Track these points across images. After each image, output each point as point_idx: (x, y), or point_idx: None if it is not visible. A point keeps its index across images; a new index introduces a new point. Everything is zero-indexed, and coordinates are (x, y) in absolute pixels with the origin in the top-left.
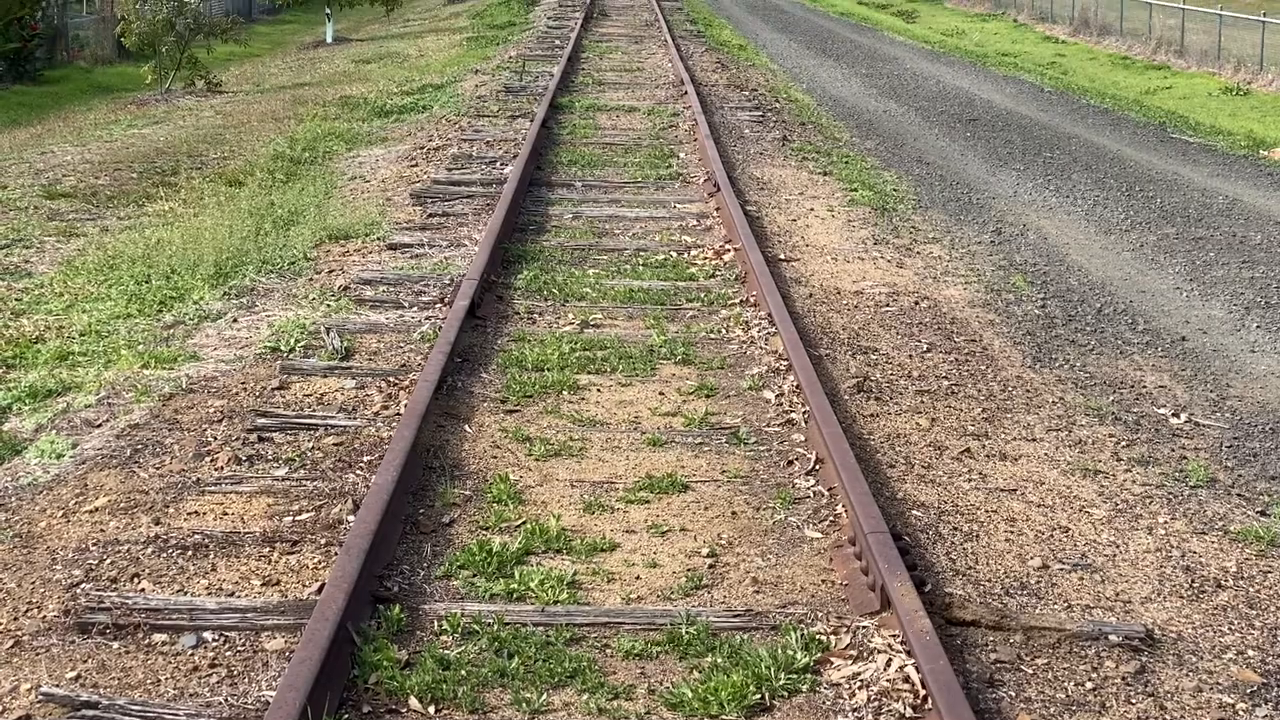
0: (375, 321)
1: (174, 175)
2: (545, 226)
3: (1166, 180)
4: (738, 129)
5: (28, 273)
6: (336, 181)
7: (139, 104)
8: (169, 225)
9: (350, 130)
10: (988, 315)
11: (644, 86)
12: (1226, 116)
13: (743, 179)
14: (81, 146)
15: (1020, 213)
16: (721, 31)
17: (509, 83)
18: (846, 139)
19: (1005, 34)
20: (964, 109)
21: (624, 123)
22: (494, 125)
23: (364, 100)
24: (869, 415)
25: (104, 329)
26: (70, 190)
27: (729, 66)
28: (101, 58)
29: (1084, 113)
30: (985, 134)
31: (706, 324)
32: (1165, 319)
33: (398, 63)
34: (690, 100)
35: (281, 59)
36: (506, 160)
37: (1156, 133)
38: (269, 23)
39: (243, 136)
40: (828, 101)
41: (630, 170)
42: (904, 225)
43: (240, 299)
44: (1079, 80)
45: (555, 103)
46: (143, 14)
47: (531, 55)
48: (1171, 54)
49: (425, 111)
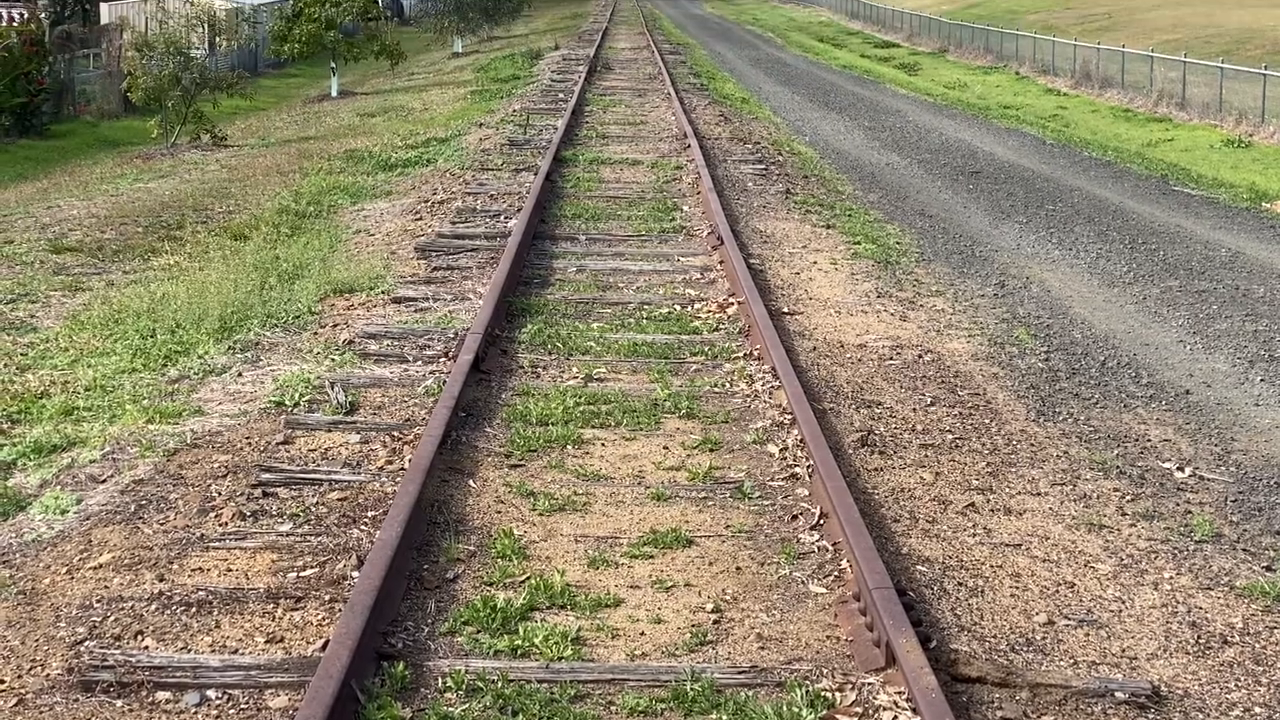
0: (379, 376)
1: (179, 229)
2: (549, 280)
3: (1169, 233)
4: (741, 182)
5: (33, 327)
6: (341, 235)
7: (145, 158)
8: (174, 279)
9: (355, 184)
10: (991, 368)
11: (647, 139)
12: (1229, 169)
13: (746, 232)
14: (87, 200)
15: (1023, 265)
16: (725, 85)
17: (513, 136)
18: (850, 192)
19: (1007, 86)
20: (967, 161)
21: (628, 176)
22: (498, 179)
23: (369, 154)
24: (873, 469)
25: (109, 384)
26: (76, 244)
27: (732, 119)
28: (108, 112)
29: (1086, 165)
30: (988, 186)
31: (710, 378)
32: (1169, 372)
33: (402, 116)
34: (693, 153)
35: (287, 112)
36: (511, 214)
37: (1159, 185)
38: (274, 76)
39: (248, 190)
40: (831, 154)
41: (634, 223)
42: (907, 278)
43: (245, 353)
44: (1081, 133)
45: (559, 156)
46: (149, 69)
47: (536, 108)
48: (1173, 106)
49: (430, 165)
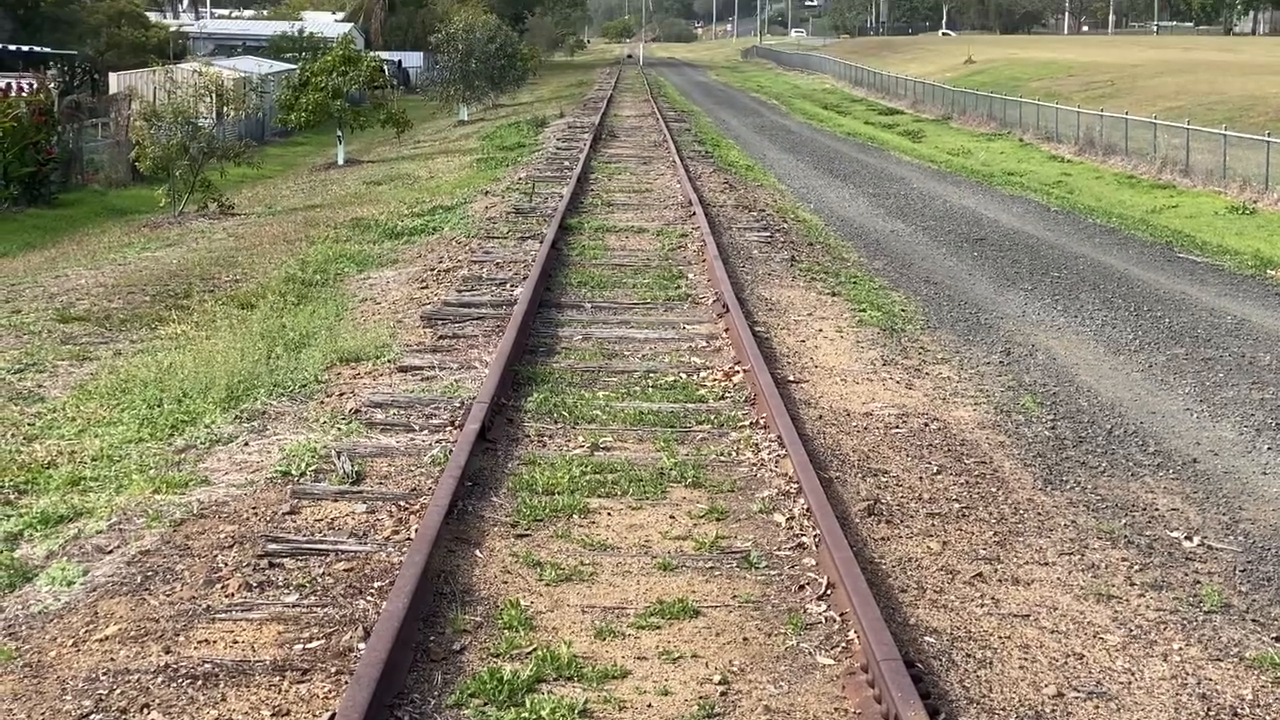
0: (386, 445)
1: (186, 298)
2: (555, 348)
3: (1174, 300)
4: (746, 249)
5: (40, 397)
6: (348, 304)
7: (152, 226)
8: (181, 348)
9: (361, 252)
10: (998, 437)
11: (652, 207)
12: (1233, 235)
13: (751, 300)
14: (95, 269)
15: (1029, 333)
16: (729, 152)
17: (519, 204)
18: (854, 259)
19: (1011, 153)
20: (971, 228)
21: (633, 244)
22: (504, 247)
23: (375, 222)
24: (880, 539)
25: (116, 454)
26: (83, 314)
27: (737, 187)
28: (116, 181)
29: (1091, 232)
30: (993, 253)
31: (716, 446)
32: (1176, 440)
33: (408, 184)
34: (699, 221)
35: (293, 181)
36: (516, 282)
37: (1163, 252)
38: (281, 144)
39: (255, 259)
40: (835, 221)
41: (639, 291)
42: (913, 346)
43: (251, 422)
44: (1085, 199)
45: (564, 224)
46: (157, 138)
47: (541, 176)
48: (1177, 173)
49: (436, 233)
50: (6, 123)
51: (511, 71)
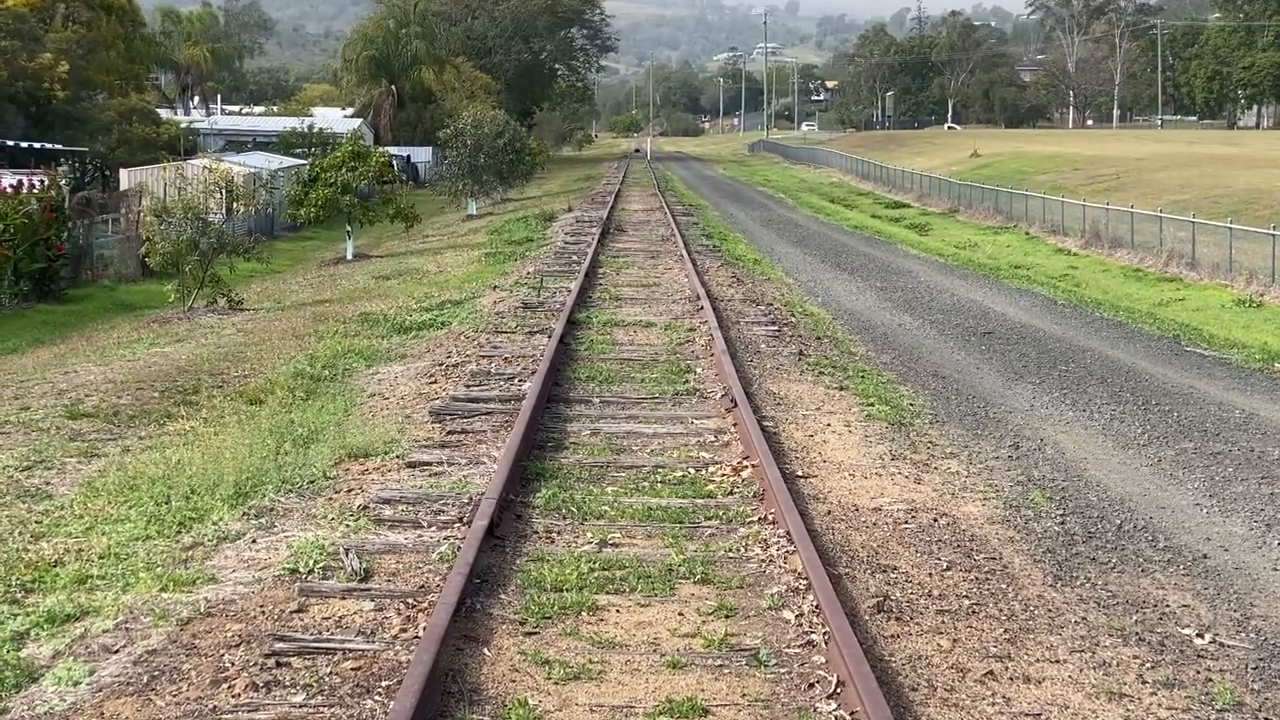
0: (394, 542)
1: (195, 394)
2: (563, 443)
3: (1182, 394)
4: (754, 344)
5: (48, 494)
6: (356, 399)
7: (162, 322)
8: (189, 445)
9: (370, 347)
10: (1007, 532)
11: (660, 301)
12: (1240, 329)
13: (759, 394)
14: (104, 365)
15: (1037, 427)
16: (737, 246)
17: (527, 298)
18: (862, 353)
19: (1018, 246)
20: (979, 322)
21: (641, 338)
22: (512, 341)
23: (384, 317)
24: (890, 636)
25: (123, 551)
26: (92, 410)
27: (744, 281)
28: (125, 276)
29: (1098, 325)
30: (1000, 347)
31: (725, 542)
32: (1186, 536)
33: (417, 279)
34: (706, 315)
35: (303, 275)
36: (525, 376)
37: (1171, 345)
38: (290, 239)
39: (264, 354)
40: (843, 315)
41: (647, 386)
42: (921, 440)
43: (259, 519)
44: (1092, 292)
45: (573, 318)
46: (167, 234)
47: (549, 271)
48: (1183, 266)
49: (444, 327)
50: (17, 219)
51: (520, 166)
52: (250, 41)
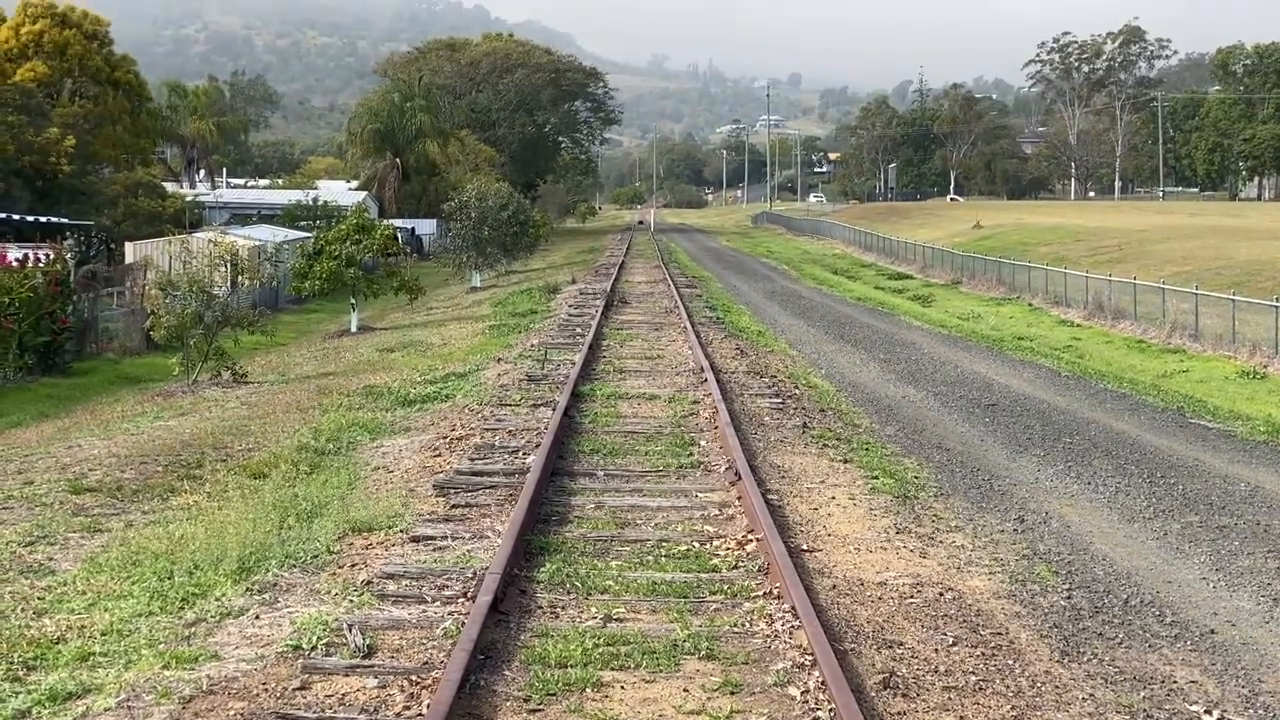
0: (398, 617)
1: (199, 468)
2: (568, 517)
3: (1187, 467)
4: (758, 416)
5: (51, 570)
6: (360, 472)
7: (166, 395)
8: (193, 519)
9: (374, 420)
10: (1013, 607)
11: (664, 374)
12: (1245, 400)
13: (764, 467)
14: (108, 439)
15: (1042, 500)
16: (740, 318)
17: (531, 371)
18: (866, 425)
19: (1021, 317)
20: (982, 394)
21: (645, 410)
22: (516, 414)
23: (388, 389)
24: (896, 713)
25: (126, 628)
26: (95, 485)
27: (748, 353)
28: (130, 349)
29: (1102, 397)
30: (1005, 419)
31: (730, 617)
32: (1193, 610)
33: (421, 351)
34: (710, 387)
35: (307, 348)
36: (529, 450)
37: (1175, 417)
38: (294, 312)
39: (267, 427)
40: (847, 387)
41: (652, 459)
42: (926, 513)
43: (263, 594)
44: (1096, 364)
45: (577, 391)
46: (172, 308)
47: (553, 343)
48: (1187, 338)
49: (448, 400)
50: (23, 293)
51: (524, 238)
52: (256, 115)
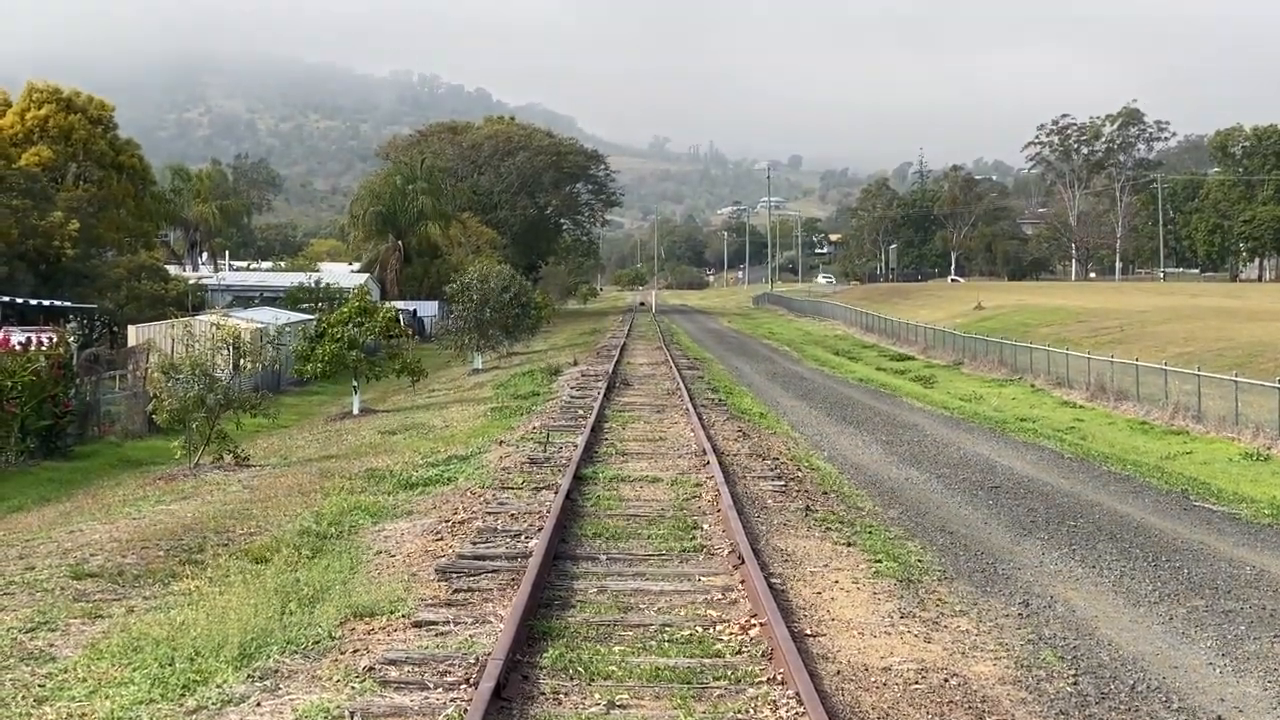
0: (399, 704)
1: (200, 552)
2: (570, 601)
3: (1192, 550)
4: (760, 499)
5: (52, 657)
6: (362, 556)
7: (168, 479)
8: (194, 605)
9: (376, 503)
10: (1019, 693)
11: (667, 456)
12: (1249, 483)
13: (767, 551)
14: (110, 524)
15: (1047, 584)
16: (742, 399)
17: (533, 453)
18: (869, 508)
19: (1023, 399)
20: (985, 476)
21: (647, 493)
22: (518, 497)
23: (390, 472)
24: None
25: (126, 716)
26: (97, 570)
27: (750, 435)
28: (132, 432)
29: (1105, 479)
30: (1008, 502)
31: (734, 703)
32: (1200, 696)
33: (423, 434)
34: (713, 470)
35: (309, 431)
36: (531, 533)
37: (1179, 500)
38: (296, 394)
39: (269, 511)
40: (849, 469)
41: (654, 542)
42: (930, 597)
43: (264, 681)
44: (1099, 446)
45: (579, 474)
46: (175, 391)
47: (555, 425)
48: (1190, 419)
49: (450, 483)
50: (25, 377)
51: (525, 320)
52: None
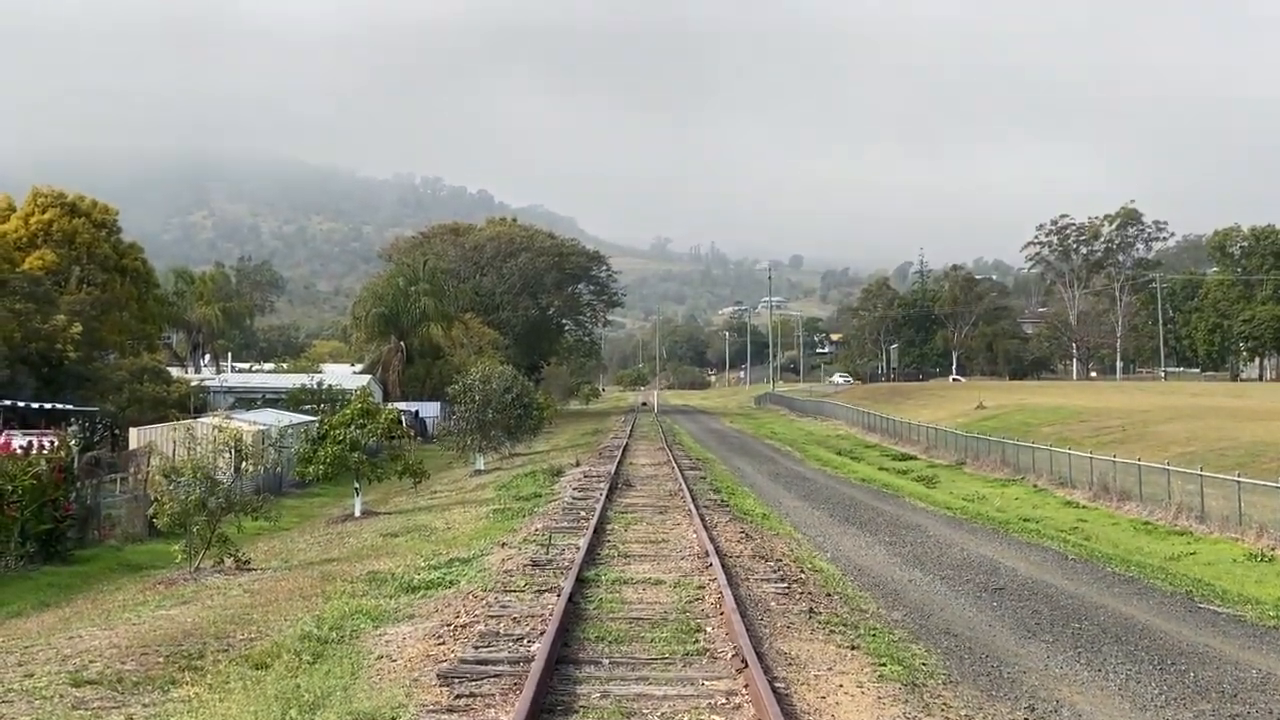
0: None
1: (200, 658)
2: (573, 706)
3: (1198, 653)
4: (764, 601)
5: None
6: (364, 661)
7: (168, 583)
8: (194, 712)
9: (378, 607)
10: None
11: (669, 558)
12: (1253, 584)
13: (770, 654)
14: (109, 629)
15: (1053, 687)
16: (745, 500)
17: (535, 556)
18: (873, 610)
19: (1026, 499)
20: (990, 577)
21: (650, 596)
22: (521, 600)
23: (392, 575)
24: None
25: None
26: (96, 677)
27: (753, 536)
28: (133, 536)
29: (1110, 580)
30: (1012, 604)
31: None
32: None
33: (425, 536)
34: (715, 572)
35: (310, 533)
36: (534, 637)
37: (1184, 602)
38: (298, 495)
39: (270, 616)
40: (853, 571)
41: (657, 646)
42: (935, 702)
43: None
44: (1102, 546)
45: (581, 576)
46: (176, 494)
47: (557, 527)
48: (1193, 519)
49: (453, 586)
50: (26, 481)
51: (527, 421)
52: (261, 299)
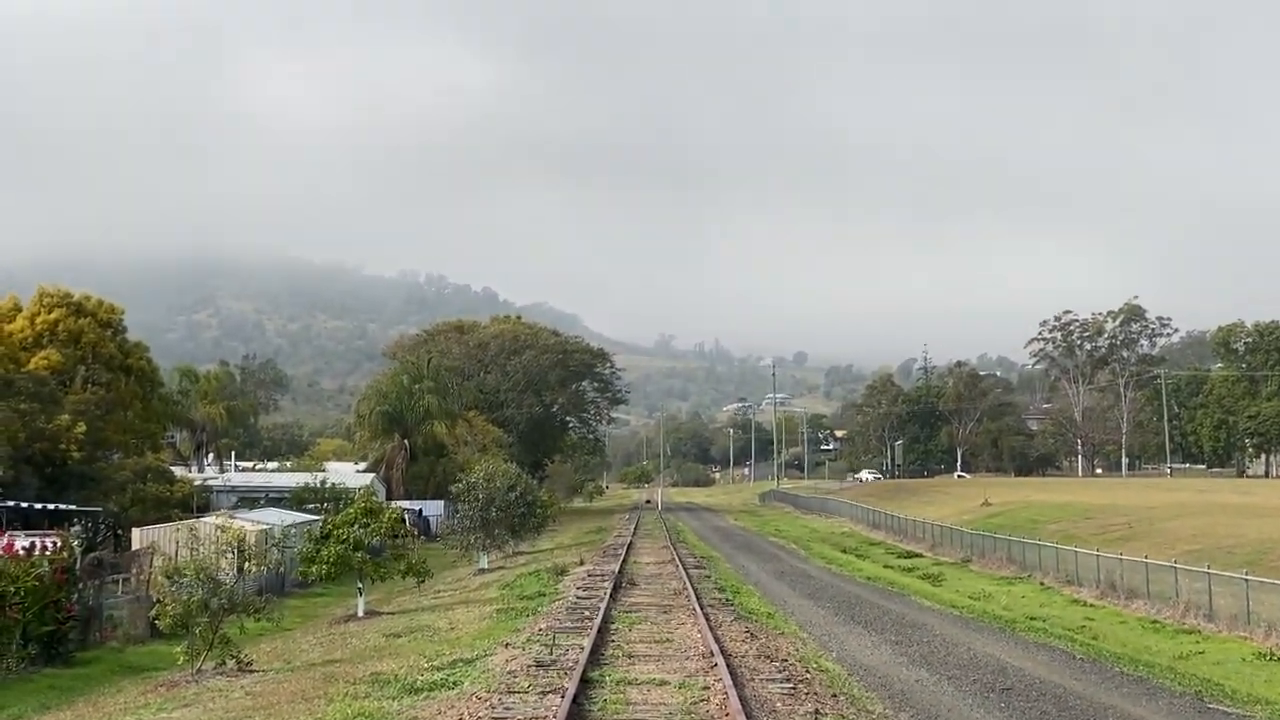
0: None
1: None
2: None
3: None
4: (769, 702)
5: None
6: None
7: (169, 685)
8: None
9: (381, 710)
10: None
11: (674, 658)
12: (1263, 684)
13: None
14: None
15: None
16: (749, 599)
17: (539, 656)
18: (879, 711)
19: (1033, 597)
20: (997, 677)
21: (655, 697)
22: (524, 702)
23: (395, 677)
24: None
25: None
26: None
27: (758, 635)
28: (134, 637)
29: (1118, 680)
30: (1020, 704)
31: None
32: None
33: (429, 636)
34: (720, 672)
35: (313, 634)
36: None
37: (1193, 702)
38: (301, 595)
39: (271, 719)
40: (859, 671)
41: None
42: None
43: None
44: (1110, 645)
45: (586, 676)
46: (178, 596)
47: (561, 627)
48: (1201, 617)
49: (456, 687)
50: (28, 582)
51: (531, 519)
52: (266, 398)
